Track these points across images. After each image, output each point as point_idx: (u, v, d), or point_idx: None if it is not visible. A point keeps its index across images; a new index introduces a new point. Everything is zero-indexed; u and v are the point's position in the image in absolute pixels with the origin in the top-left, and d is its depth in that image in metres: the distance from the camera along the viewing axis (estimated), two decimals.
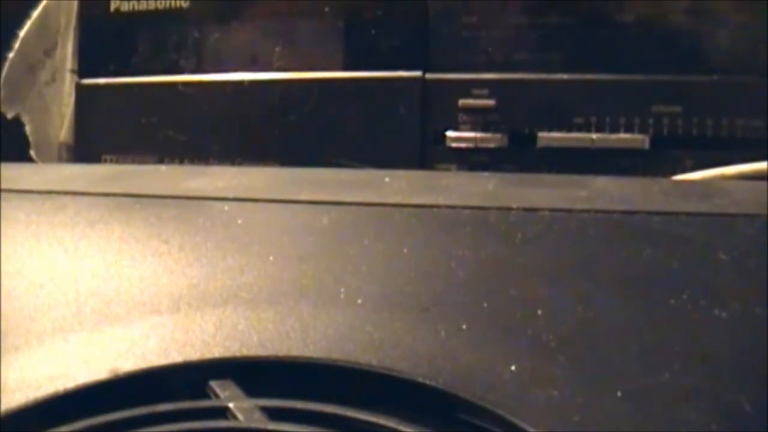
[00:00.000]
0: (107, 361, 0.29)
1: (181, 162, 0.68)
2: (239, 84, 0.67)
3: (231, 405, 0.25)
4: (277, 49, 0.68)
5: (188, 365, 0.27)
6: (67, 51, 0.73)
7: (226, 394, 0.26)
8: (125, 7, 0.70)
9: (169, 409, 0.26)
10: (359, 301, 0.31)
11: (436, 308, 0.30)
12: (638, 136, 0.60)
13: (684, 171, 0.57)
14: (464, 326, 0.29)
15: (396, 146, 0.64)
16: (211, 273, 0.35)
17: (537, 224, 0.37)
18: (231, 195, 0.44)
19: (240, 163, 0.67)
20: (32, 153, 0.74)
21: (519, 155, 0.61)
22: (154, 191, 0.46)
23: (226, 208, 0.42)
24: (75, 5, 0.73)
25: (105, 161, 0.69)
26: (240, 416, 0.25)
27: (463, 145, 0.62)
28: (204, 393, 0.27)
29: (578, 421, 0.24)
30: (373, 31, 0.65)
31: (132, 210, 0.43)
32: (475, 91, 0.62)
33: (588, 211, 0.39)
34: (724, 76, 0.60)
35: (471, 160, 0.62)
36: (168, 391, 0.28)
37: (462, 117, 0.62)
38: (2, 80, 0.72)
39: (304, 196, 0.43)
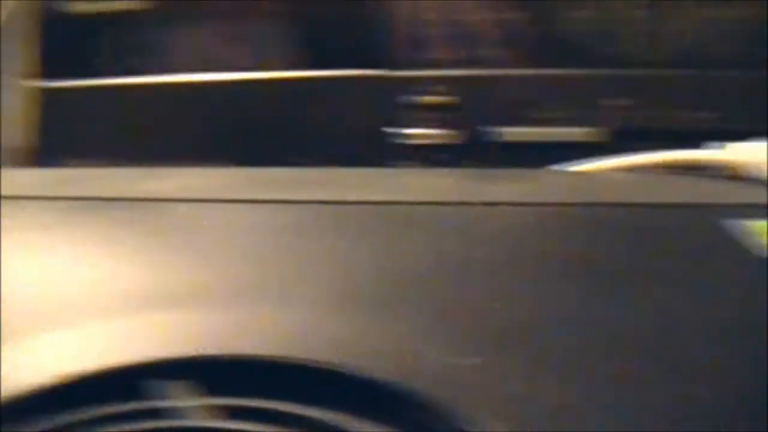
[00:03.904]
0: (58, 365, 0.28)
1: (140, 165, 0.67)
2: (195, 85, 0.67)
3: (183, 405, 0.25)
4: (233, 49, 0.67)
5: (142, 366, 0.27)
6: (8, 53, 0.73)
7: (180, 393, 0.26)
8: (81, 8, 0.70)
9: (121, 411, 0.25)
10: (316, 299, 0.31)
11: (392, 305, 0.30)
12: (594, 130, 0.60)
13: None
14: (420, 322, 0.28)
15: (357, 144, 0.64)
16: (165, 275, 0.34)
17: (495, 218, 0.37)
18: (186, 196, 0.44)
19: (198, 165, 0.66)
20: None
21: (480, 151, 0.62)
22: (108, 194, 0.45)
23: (181, 209, 0.42)
24: (15, 6, 0.72)
25: (65, 165, 0.69)
26: (193, 415, 0.25)
27: (424, 142, 0.62)
28: (160, 394, 0.27)
29: (534, 414, 0.24)
30: (333, 29, 0.65)
31: (86, 214, 0.42)
32: (436, 88, 0.62)
33: (544, 204, 0.39)
34: (676, 69, 0.61)
35: (433, 157, 0.62)
36: (123, 393, 0.28)
37: (423, 114, 0.63)
38: None
39: (261, 196, 0.43)
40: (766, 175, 0.48)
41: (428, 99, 0.62)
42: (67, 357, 0.29)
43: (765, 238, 0.35)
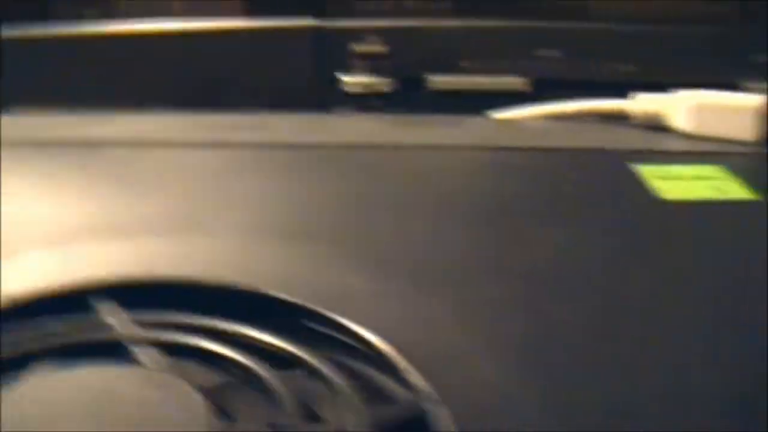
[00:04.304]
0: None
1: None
2: (140, 34, 0.69)
3: (112, 320, 0.28)
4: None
5: (72, 286, 0.30)
6: None
7: (105, 309, 0.29)
8: None
9: (50, 331, 0.28)
10: (234, 230, 0.34)
11: (302, 236, 0.33)
12: (520, 79, 0.63)
13: None
14: (323, 250, 0.32)
15: (294, 91, 0.67)
16: (102, 211, 0.37)
17: (404, 160, 0.40)
18: (126, 140, 0.46)
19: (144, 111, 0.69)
20: None
21: (410, 98, 0.64)
22: (52, 139, 0.48)
23: (121, 152, 0.45)
24: None
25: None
26: (117, 328, 0.28)
27: (357, 89, 0.65)
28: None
29: (415, 328, 0.27)
30: None
31: (32, 158, 0.45)
32: (368, 38, 0.65)
33: (453, 147, 0.42)
34: (601, 23, 0.64)
35: (366, 103, 0.65)
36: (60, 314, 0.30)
37: (356, 62, 0.65)
38: None
39: (195, 138, 0.46)
40: (669, 124, 0.51)
41: (362, 48, 0.65)
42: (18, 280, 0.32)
43: (657, 182, 0.38)
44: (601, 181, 0.39)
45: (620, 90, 0.57)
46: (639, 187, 0.37)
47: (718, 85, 0.52)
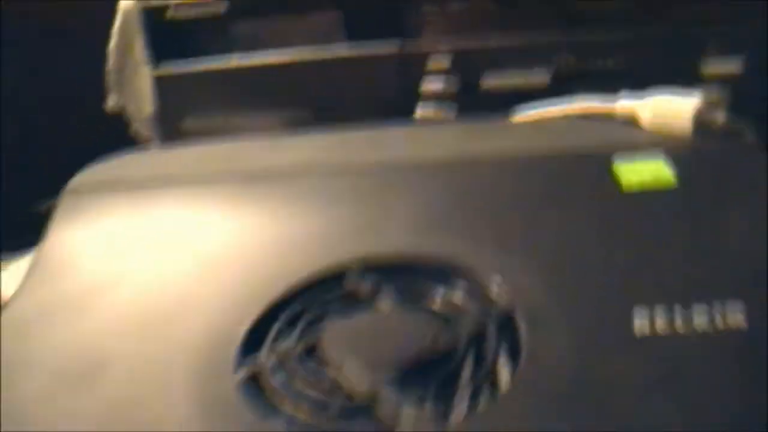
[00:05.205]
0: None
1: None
2: (270, 65, 0.96)
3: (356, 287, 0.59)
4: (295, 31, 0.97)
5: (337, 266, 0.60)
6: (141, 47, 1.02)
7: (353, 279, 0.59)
8: (177, 14, 0.99)
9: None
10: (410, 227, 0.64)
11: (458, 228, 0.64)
12: (541, 77, 0.91)
13: None
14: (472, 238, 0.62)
15: (385, 100, 0.95)
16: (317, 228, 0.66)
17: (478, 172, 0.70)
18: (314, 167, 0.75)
19: (284, 125, 0.96)
20: (133, 128, 1.05)
21: (471, 97, 0.92)
22: (257, 169, 0.76)
23: (311, 179, 0.72)
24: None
25: (185, 126, 1.00)
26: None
27: (431, 93, 0.93)
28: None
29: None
30: (364, 11, 0.95)
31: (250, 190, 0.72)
32: (438, 53, 0.93)
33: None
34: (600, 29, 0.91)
35: (440, 103, 0.93)
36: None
37: (430, 75, 0.93)
38: (108, 79, 1.03)
39: (356, 161, 0.75)
40: (641, 121, 0.69)
41: (434, 63, 0.93)
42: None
43: (624, 178, 0.65)
44: (584, 179, 0.67)
45: (617, 82, 0.79)
46: (611, 181, 0.66)
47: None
